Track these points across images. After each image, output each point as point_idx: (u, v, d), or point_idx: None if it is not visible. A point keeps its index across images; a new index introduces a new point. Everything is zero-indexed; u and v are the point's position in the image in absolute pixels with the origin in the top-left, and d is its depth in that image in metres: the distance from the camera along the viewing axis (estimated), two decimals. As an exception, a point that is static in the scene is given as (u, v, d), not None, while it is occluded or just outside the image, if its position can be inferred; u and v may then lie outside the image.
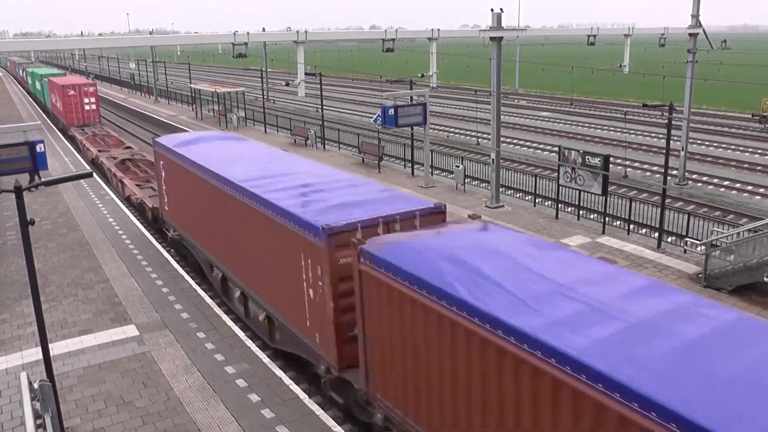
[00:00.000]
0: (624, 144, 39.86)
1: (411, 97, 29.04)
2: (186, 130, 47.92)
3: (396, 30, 72.85)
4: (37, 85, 64.62)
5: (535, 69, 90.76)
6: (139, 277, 18.65)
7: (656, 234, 20.87)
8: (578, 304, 8.05)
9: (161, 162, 20.95)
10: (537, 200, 25.50)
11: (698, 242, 19.04)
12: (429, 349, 9.06)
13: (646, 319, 7.61)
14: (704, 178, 32.28)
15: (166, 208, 21.57)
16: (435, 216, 12.19)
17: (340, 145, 38.43)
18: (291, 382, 12.97)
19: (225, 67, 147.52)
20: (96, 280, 18.48)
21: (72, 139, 44.19)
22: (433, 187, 28.25)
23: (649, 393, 6.30)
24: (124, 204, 27.01)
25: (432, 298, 8.87)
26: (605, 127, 49.48)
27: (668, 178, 21.94)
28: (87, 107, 46.86)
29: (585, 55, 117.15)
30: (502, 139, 32.66)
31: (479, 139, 43.58)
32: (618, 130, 46.93)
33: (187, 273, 19.13)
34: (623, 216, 22.60)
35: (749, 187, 30.45)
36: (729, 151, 39.32)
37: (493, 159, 24.82)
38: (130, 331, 15.35)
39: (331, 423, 11.52)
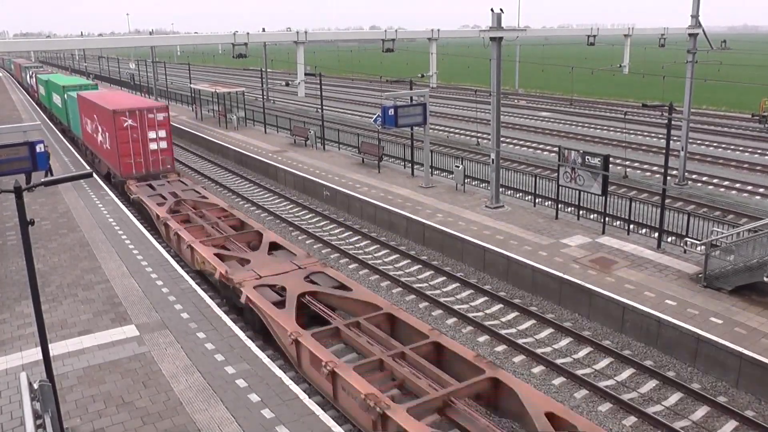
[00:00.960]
0: (624, 144, 39.85)
1: (411, 98, 29.05)
2: (186, 130, 47.97)
3: (396, 30, 72.87)
4: (56, 99, 47.42)
5: (535, 69, 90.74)
6: (139, 277, 18.65)
7: (656, 234, 20.87)
8: None
9: None
10: (537, 200, 25.49)
11: (698, 242, 19.04)
12: None
13: None
14: (704, 178, 32.29)
15: None
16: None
17: (340, 146, 38.42)
18: (291, 382, 12.97)
19: (225, 68, 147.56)
20: (96, 281, 18.48)
21: (134, 205, 27.42)
22: (433, 187, 28.25)
23: None
24: (125, 204, 26.98)
25: None
26: (605, 128, 49.49)
27: (668, 178, 21.93)
28: (154, 147, 29.40)
29: (585, 55, 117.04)
30: (501, 139, 32.67)
31: (479, 140, 43.58)
32: (618, 130, 46.95)
33: (187, 273, 19.12)
34: (623, 216, 22.60)
35: (749, 187, 30.46)
36: (729, 151, 39.33)
37: (492, 159, 24.82)
38: (130, 331, 15.35)
39: (331, 423, 11.52)
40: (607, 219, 22.16)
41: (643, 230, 22.12)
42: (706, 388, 14.41)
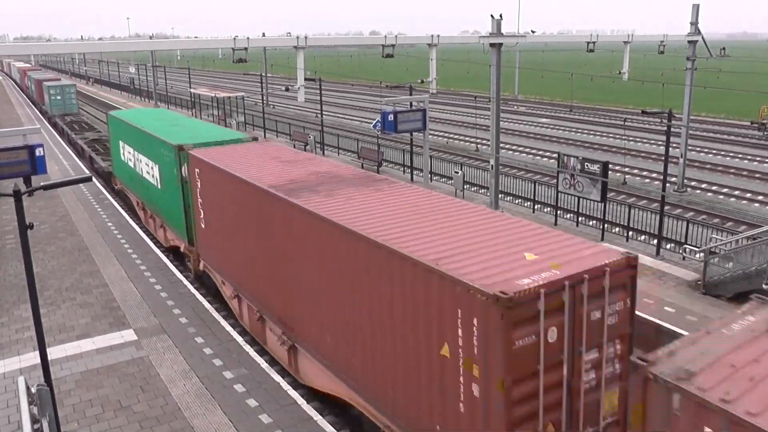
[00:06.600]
0: (623, 151, 39.89)
1: (410, 103, 29.07)
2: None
3: (396, 36, 72.83)
4: None
5: (534, 75, 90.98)
6: (138, 281, 18.63)
7: (655, 241, 20.89)
8: None
9: None
10: (536, 206, 25.51)
11: (697, 249, 19.05)
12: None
13: None
14: (703, 185, 32.30)
15: None
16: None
17: (340, 151, 38.44)
18: (289, 387, 12.95)
19: (225, 72, 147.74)
20: (94, 285, 18.45)
21: None
22: (433, 192, 28.25)
23: None
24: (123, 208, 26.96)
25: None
26: (604, 134, 49.55)
27: (667, 184, 21.97)
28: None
29: (584, 61, 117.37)
30: (501, 145, 32.71)
31: (478, 145, 43.62)
32: (617, 136, 46.97)
33: (186, 278, 19.11)
34: (622, 223, 22.61)
35: (748, 195, 30.48)
36: (728, 158, 39.36)
37: (492, 165, 24.84)
38: (129, 335, 15.32)
39: (329, 429, 11.49)
40: (606, 225, 22.17)
41: (642, 237, 22.12)
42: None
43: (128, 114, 27.65)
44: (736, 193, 30.98)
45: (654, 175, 34.27)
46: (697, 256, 18.87)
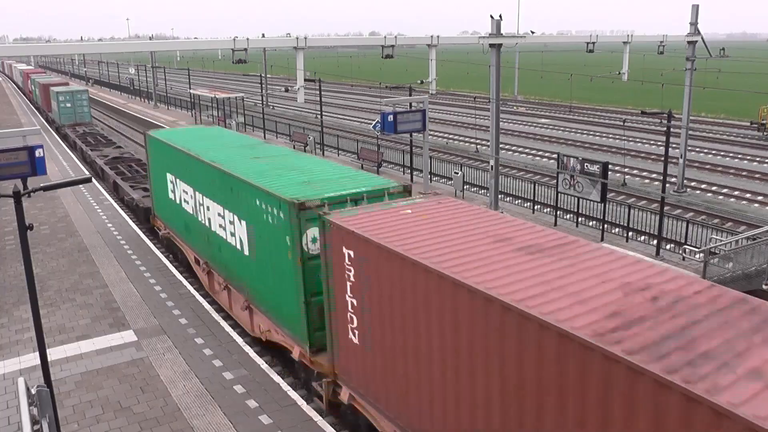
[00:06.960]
0: (623, 151, 39.91)
1: (410, 104, 29.09)
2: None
3: (395, 36, 72.75)
4: None
5: (534, 76, 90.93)
6: (138, 282, 18.63)
7: (655, 241, 20.89)
8: None
9: None
10: (536, 207, 25.51)
11: (697, 250, 19.06)
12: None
13: None
14: (703, 186, 32.32)
15: None
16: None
17: (339, 151, 38.45)
18: (289, 388, 12.96)
19: (224, 73, 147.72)
20: (94, 285, 18.45)
21: None
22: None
23: None
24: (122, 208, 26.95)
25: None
26: (604, 135, 49.56)
27: (667, 185, 21.97)
28: None
29: (584, 62, 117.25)
30: (501, 145, 32.71)
31: (478, 146, 43.63)
32: (617, 137, 47.01)
33: (186, 278, 19.11)
34: (622, 223, 22.61)
35: (748, 195, 30.50)
36: (727, 158, 39.38)
37: (492, 165, 24.84)
38: (128, 336, 15.32)
39: (329, 429, 11.50)
40: (606, 226, 22.18)
41: (642, 237, 22.12)
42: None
43: (178, 136, 20.55)
44: (736, 193, 31.00)
45: (654, 175, 34.28)
46: (697, 256, 18.88)
